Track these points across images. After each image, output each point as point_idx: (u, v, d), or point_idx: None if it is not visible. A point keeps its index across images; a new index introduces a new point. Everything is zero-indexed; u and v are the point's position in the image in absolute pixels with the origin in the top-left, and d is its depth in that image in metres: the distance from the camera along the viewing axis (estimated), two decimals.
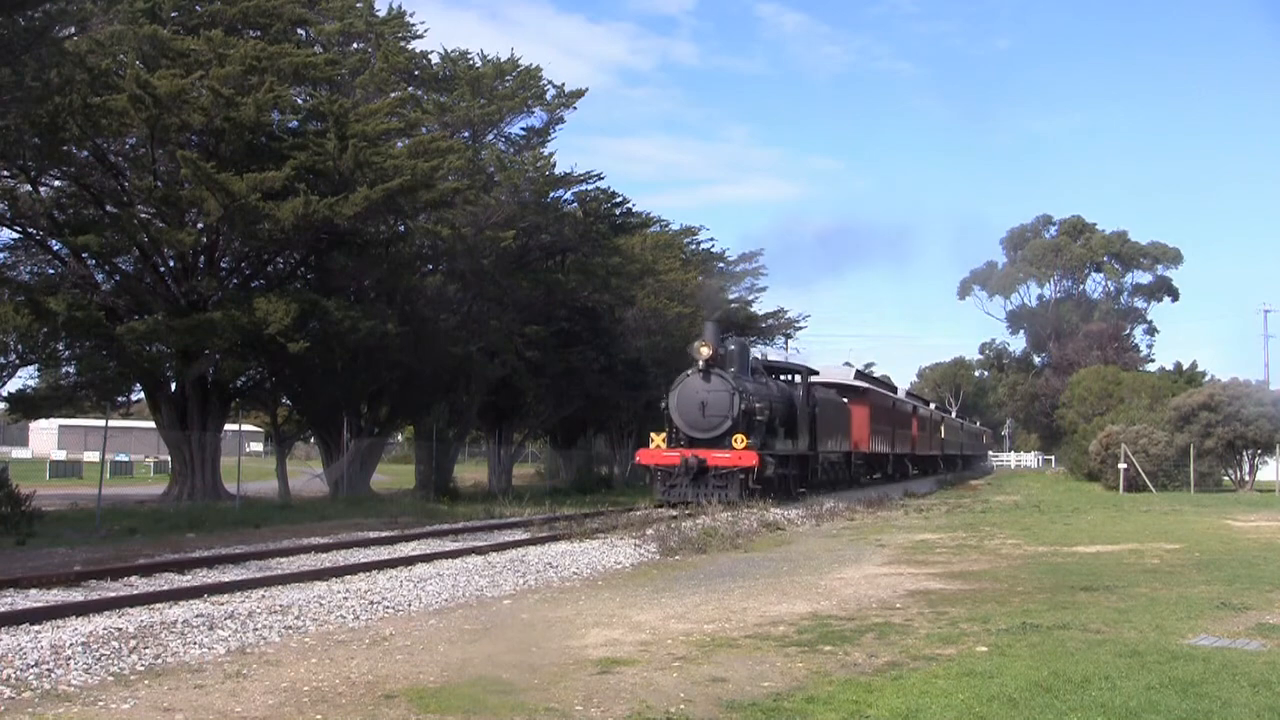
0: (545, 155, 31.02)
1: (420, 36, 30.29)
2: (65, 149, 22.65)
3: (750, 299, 50.71)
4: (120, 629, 8.20)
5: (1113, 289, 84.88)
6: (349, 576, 11.70)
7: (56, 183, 24.26)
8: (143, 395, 28.13)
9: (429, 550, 14.24)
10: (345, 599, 10.12)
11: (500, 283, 28.82)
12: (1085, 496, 34.98)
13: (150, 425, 34.82)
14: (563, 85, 32.19)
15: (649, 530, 16.75)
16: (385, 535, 16.21)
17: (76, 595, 10.15)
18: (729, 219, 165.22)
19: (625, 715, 6.40)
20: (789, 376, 28.17)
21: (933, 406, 58.17)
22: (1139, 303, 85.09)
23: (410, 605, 10.35)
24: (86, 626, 8.26)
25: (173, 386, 26.15)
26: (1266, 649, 8.28)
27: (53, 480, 38.11)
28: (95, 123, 22.09)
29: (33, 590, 10.37)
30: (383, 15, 29.68)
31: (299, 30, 27.47)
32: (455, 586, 11.33)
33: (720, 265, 48.99)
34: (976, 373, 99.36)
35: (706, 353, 22.95)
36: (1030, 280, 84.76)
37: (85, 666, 7.36)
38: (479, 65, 30.85)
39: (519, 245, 29.25)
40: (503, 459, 35.54)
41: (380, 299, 26.95)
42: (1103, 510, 26.31)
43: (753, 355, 27.33)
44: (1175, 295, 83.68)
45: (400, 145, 26.42)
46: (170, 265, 24.98)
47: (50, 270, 25.43)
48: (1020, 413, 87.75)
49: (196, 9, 25.54)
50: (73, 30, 20.58)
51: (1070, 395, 61.69)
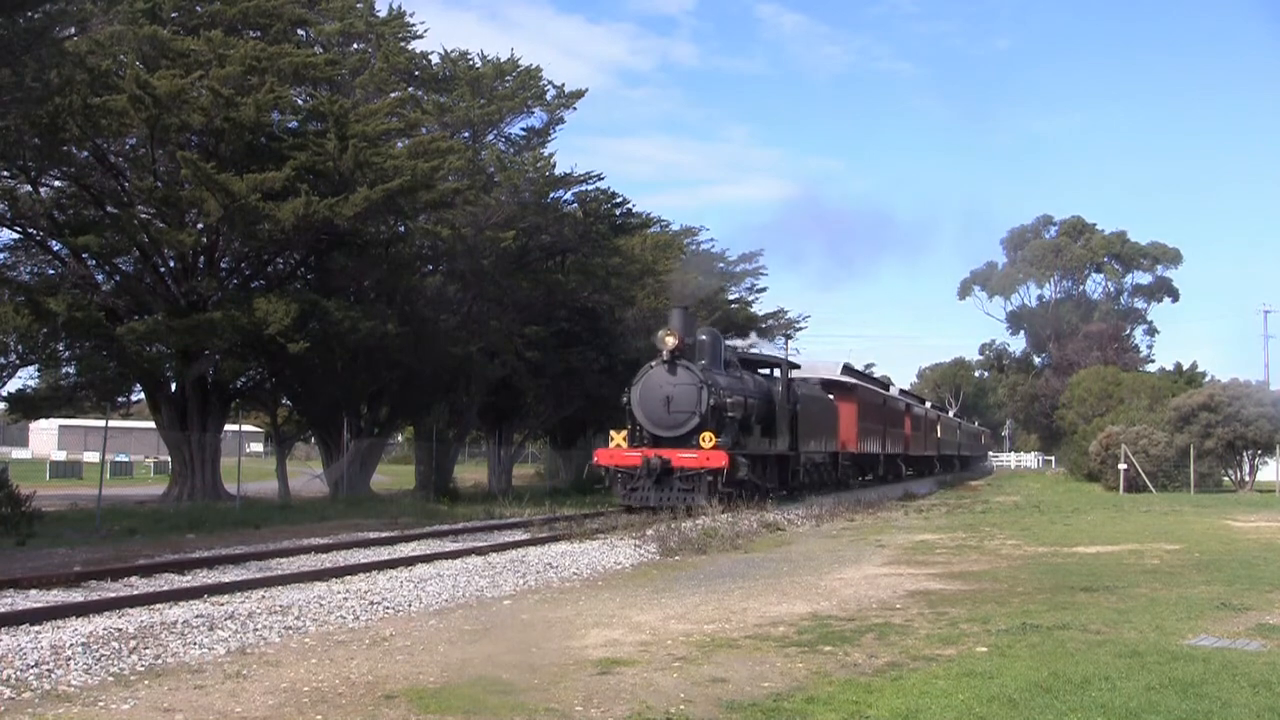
0: (545, 156, 31.03)
1: (420, 37, 30.37)
2: (65, 149, 22.67)
3: (750, 299, 50.78)
4: (120, 629, 8.20)
5: (1113, 289, 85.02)
6: (349, 577, 11.70)
7: (56, 183, 24.28)
8: (143, 396, 28.15)
9: (429, 551, 14.24)
10: (345, 599, 10.12)
11: (500, 283, 28.81)
12: (1085, 497, 34.98)
13: (150, 425, 34.83)
14: (563, 86, 32.25)
15: (649, 531, 16.75)
16: (385, 536, 16.20)
17: (76, 596, 10.15)
18: (729, 219, 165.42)
19: (625, 715, 6.40)
20: (768, 370, 26.19)
21: (928, 405, 56.88)
22: (1139, 303, 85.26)
23: (410, 606, 10.35)
24: (86, 627, 8.26)
25: (173, 387, 26.17)
26: (1266, 649, 8.28)
27: (53, 480, 38.11)
28: (95, 123, 22.10)
29: (33, 590, 10.37)
30: (383, 16, 29.73)
31: (299, 31, 27.49)
32: (455, 587, 11.33)
33: (720, 265, 49.04)
34: (976, 373, 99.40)
35: (672, 342, 21.04)
36: (1030, 281, 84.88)
37: (85, 667, 7.36)
38: (479, 66, 30.87)
39: (519, 246, 29.23)
40: (503, 459, 35.54)
41: (380, 299, 26.95)
42: (1103, 511, 26.30)
43: (730, 347, 25.62)
44: (1175, 296, 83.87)
45: (400, 145, 26.45)
46: (170, 265, 24.98)
47: (50, 271, 25.45)
48: (1020, 413, 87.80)
49: (196, 9, 25.55)
50: (73, 31, 20.58)
51: (1070, 396, 61.71)
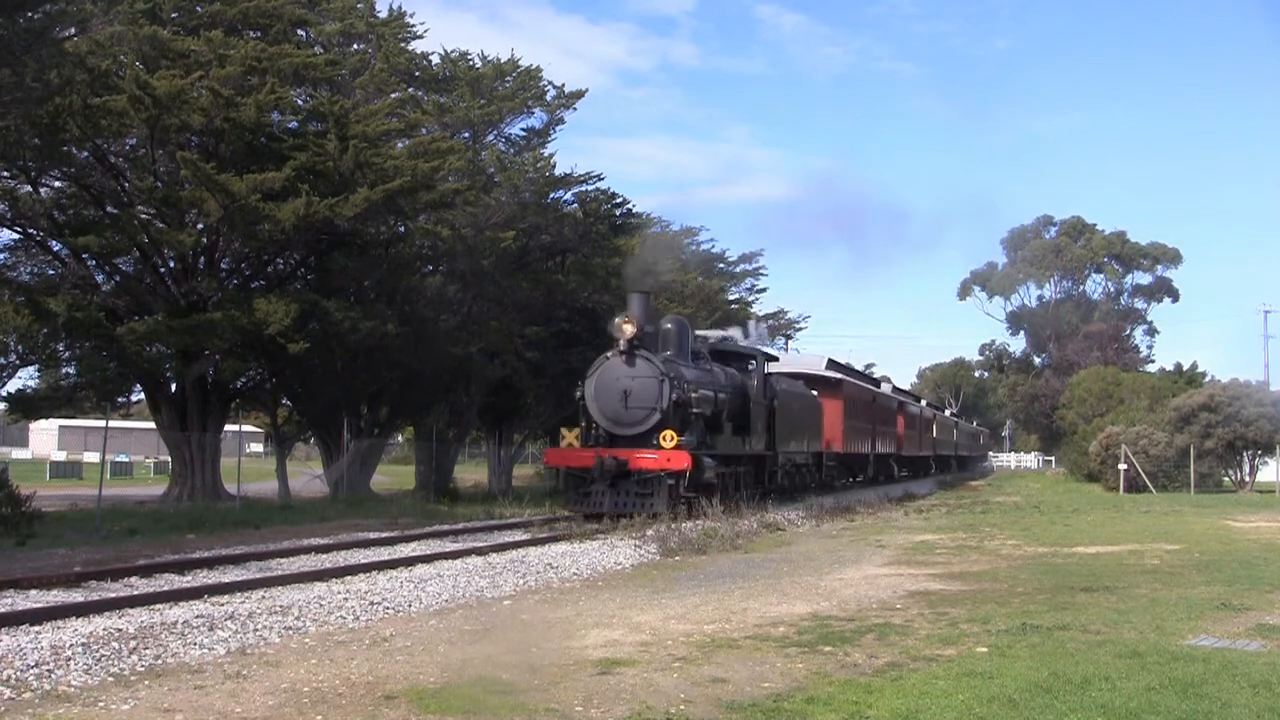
0: (545, 156, 31.04)
1: (420, 37, 30.39)
2: (65, 150, 22.68)
3: (750, 299, 50.81)
4: (120, 630, 8.19)
5: (1113, 290, 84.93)
6: (349, 577, 11.70)
7: (57, 183, 24.28)
8: (143, 396, 28.15)
9: (429, 551, 14.23)
10: (345, 600, 10.12)
11: (500, 283, 28.81)
12: (1085, 497, 34.98)
13: (150, 426, 34.85)
14: (562, 86, 32.24)
15: (649, 531, 16.76)
16: (385, 536, 16.20)
17: (76, 596, 10.14)
18: (729, 219, 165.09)
19: (625, 716, 6.40)
20: (743, 363, 24.06)
21: (924, 403, 55.43)
22: (1139, 303, 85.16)
23: (410, 606, 10.35)
24: (86, 627, 8.26)
25: (173, 387, 26.17)
26: (1266, 650, 8.28)
27: (53, 481, 38.11)
28: (95, 123, 22.11)
29: (33, 591, 10.37)
30: (383, 16, 29.75)
31: (299, 31, 27.50)
32: (455, 587, 11.33)
33: (720, 265, 49.06)
34: (976, 373, 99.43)
35: (630, 330, 19.04)
36: (1030, 281, 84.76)
37: (85, 667, 7.36)
38: (479, 66, 30.87)
39: (519, 246, 29.24)
40: (503, 460, 35.52)
41: (380, 300, 26.96)
42: (1103, 511, 26.31)
43: (700, 337, 23.99)
44: (1175, 296, 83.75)
45: (400, 146, 26.46)
46: (170, 266, 24.99)
47: (50, 271, 25.45)
48: (1020, 413, 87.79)
49: (197, 10, 25.56)
50: (73, 31, 20.57)
51: (1070, 396, 61.70)
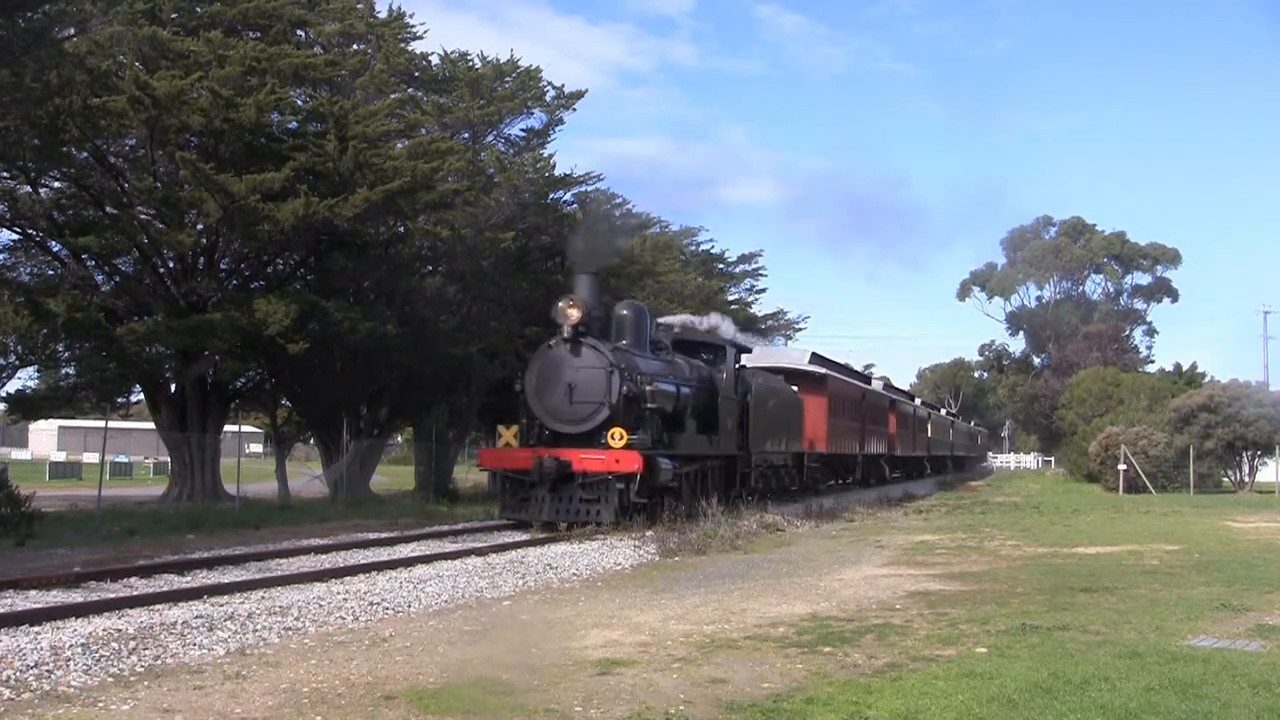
0: (545, 156, 31.06)
1: (420, 38, 30.37)
2: (65, 150, 22.67)
3: (750, 299, 50.80)
4: (120, 630, 8.19)
5: (1112, 290, 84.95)
6: (349, 578, 11.70)
7: (56, 184, 24.27)
8: (142, 396, 28.13)
9: (428, 551, 14.23)
10: (345, 600, 10.12)
11: (500, 284, 28.80)
12: (1085, 498, 35.00)
13: (150, 426, 34.82)
14: (562, 86, 32.22)
15: (648, 532, 16.76)
16: (385, 536, 16.19)
17: (76, 596, 10.14)
18: (728, 220, 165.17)
19: (625, 716, 6.40)
20: (711, 355, 21.88)
21: (918, 401, 53.97)
22: (1138, 304, 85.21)
23: (410, 606, 10.35)
24: (86, 628, 8.26)
25: (172, 388, 26.17)
26: (1266, 650, 8.28)
27: (52, 481, 38.09)
28: (95, 124, 22.10)
29: (32, 591, 10.36)
30: (383, 16, 29.72)
31: (299, 31, 27.49)
32: (455, 588, 11.33)
33: (720, 266, 49.05)
34: (976, 374, 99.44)
35: (575, 315, 16.99)
36: (1030, 281, 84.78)
37: (85, 668, 7.36)
38: (478, 66, 30.86)
39: (519, 246, 29.22)
40: None
41: (380, 300, 26.96)
42: (1102, 511, 26.32)
43: (664, 326, 22.20)
44: (1175, 296, 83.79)
45: (400, 146, 26.46)
46: (170, 266, 24.99)
47: (50, 271, 25.44)
48: (1020, 414, 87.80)
49: (196, 10, 25.55)
50: (72, 31, 20.57)
51: (1070, 396, 61.71)
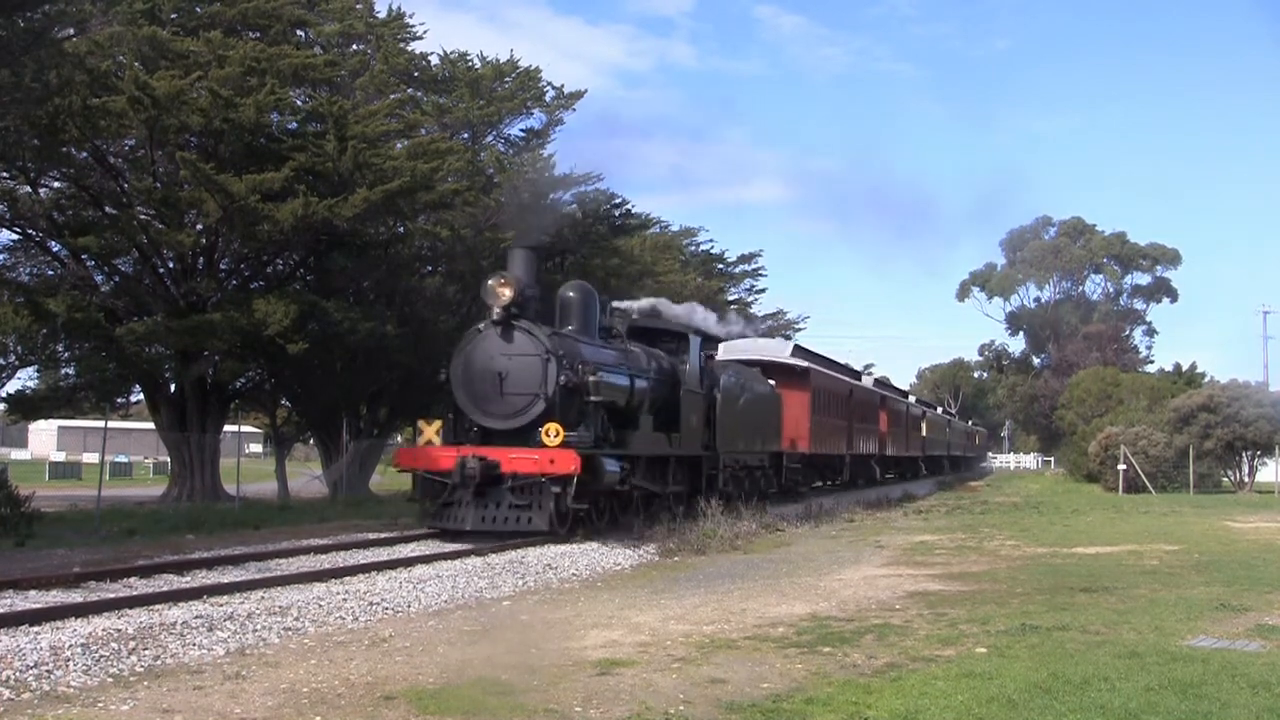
0: (544, 157, 31.08)
1: (420, 38, 30.38)
2: (64, 150, 22.70)
3: (750, 299, 50.84)
4: (119, 630, 8.18)
5: (1112, 290, 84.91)
6: (348, 578, 11.68)
7: (56, 184, 24.30)
8: (142, 396, 28.16)
9: (428, 551, 14.21)
10: (344, 600, 10.12)
11: None
12: (1084, 498, 34.98)
13: (150, 426, 34.83)
14: (561, 87, 32.26)
15: (648, 531, 16.75)
16: (384, 536, 16.15)
17: (76, 596, 10.13)
18: (727, 220, 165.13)
19: (624, 716, 6.40)
20: (673, 344, 19.39)
21: (913, 399, 52.48)
22: (1138, 304, 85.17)
23: (409, 606, 10.35)
24: (86, 628, 8.25)
25: (172, 388, 26.18)
26: (1266, 650, 8.28)
27: (52, 481, 38.09)
28: (94, 124, 22.12)
29: (32, 591, 10.35)
30: (382, 17, 29.73)
31: (298, 31, 27.50)
32: (454, 588, 11.33)
33: (720, 266, 49.08)
34: (976, 374, 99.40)
35: (507, 294, 14.77)
36: (1029, 282, 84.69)
37: (84, 668, 7.35)
38: (478, 67, 30.87)
39: None
40: None
41: (380, 300, 26.98)
42: (1102, 511, 26.30)
43: (621, 311, 20.44)
44: (1174, 296, 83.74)
45: (400, 147, 26.47)
46: (169, 266, 25.00)
47: (50, 271, 25.47)
48: (1019, 414, 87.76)
49: (196, 10, 25.57)
50: (72, 31, 20.59)
51: (1069, 396, 61.69)
